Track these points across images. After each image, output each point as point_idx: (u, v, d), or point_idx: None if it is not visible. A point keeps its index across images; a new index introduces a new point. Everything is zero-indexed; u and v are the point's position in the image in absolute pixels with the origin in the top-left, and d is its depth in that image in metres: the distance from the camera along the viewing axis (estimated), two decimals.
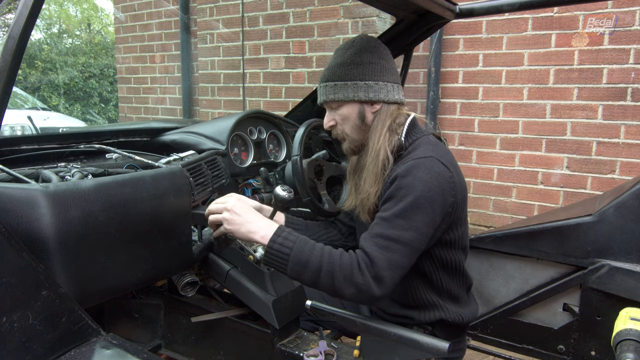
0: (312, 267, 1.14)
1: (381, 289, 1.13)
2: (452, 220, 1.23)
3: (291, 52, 3.88)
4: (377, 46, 1.32)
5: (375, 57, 1.29)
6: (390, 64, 1.33)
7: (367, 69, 1.28)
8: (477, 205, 3.45)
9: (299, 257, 1.14)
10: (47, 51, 11.12)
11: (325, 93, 1.33)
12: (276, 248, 1.16)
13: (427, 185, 1.15)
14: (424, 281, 1.31)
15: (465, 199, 1.27)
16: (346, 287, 1.13)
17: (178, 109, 5.03)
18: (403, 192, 1.16)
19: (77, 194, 1.02)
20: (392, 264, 1.13)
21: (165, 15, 4.94)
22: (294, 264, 1.15)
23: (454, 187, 1.19)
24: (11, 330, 0.82)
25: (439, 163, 1.18)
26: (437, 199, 1.15)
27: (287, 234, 1.18)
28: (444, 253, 1.28)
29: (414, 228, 1.14)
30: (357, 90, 1.28)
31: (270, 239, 1.17)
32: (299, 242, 1.17)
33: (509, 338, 1.76)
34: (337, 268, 1.13)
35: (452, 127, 3.47)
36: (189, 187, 1.32)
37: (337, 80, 1.30)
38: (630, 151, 2.90)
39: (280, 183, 1.77)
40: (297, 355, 1.30)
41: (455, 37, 3.36)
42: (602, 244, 1.53)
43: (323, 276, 1.14)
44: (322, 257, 1.14)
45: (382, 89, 1.29)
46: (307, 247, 1.16)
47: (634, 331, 1.14)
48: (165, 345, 1.59)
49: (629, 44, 2.83)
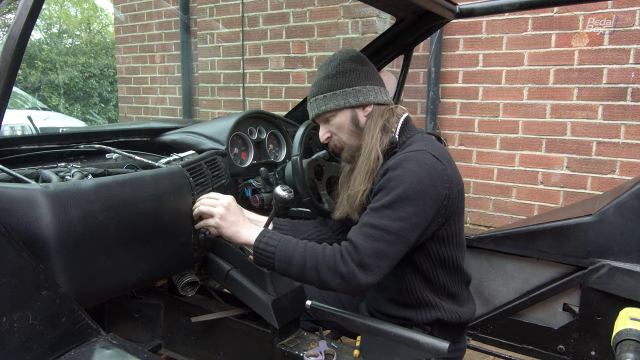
0: (296, 262, 1.18)
1: (367, 276, 1.14)
2: (449, 214, 1.23)
3: (291, 52, 3.88)
4: (357, 55, 1.37)
5: (357, 64, 1.33)
6: (373, 70, 1.37)
7: (353, 76, 1.32)
8: (477, 205, 3.45)
9: (283, 254, 1.20)
10: (47, 51, 11.12)
11: (316, 106, 1.36)
12: (262, 247, 1.22)
13: (417, 177, 1.16)
14: (420, 278, 1.31)
15: (461, 193, 1.27)
16: (332, 278, 1.16)
17: (178, 109, 5.03)
18: (392, 183, 1.17)
19: (77, 194, 1.02)
20: (378, 252, 1.14)
21: (165, 15, 4.94)
22: (280, 261, 1.20)
23: (447, 179, 1.19)
24: (11, 330, 0.82)
25: (430, 156, 1.19)
26: (427, 191, 1.16)
27: (271, 234, 1.24)
28: (440, 249, 1.28)
29: (402, 218, 1.15)
30: (347, 96, 1.31)
31: (256, 239, 1.23)
32: (283, 240, 1.22)
33: (509, 338, 1.76)
34: (321, 260, 1.17)
35: (452, 127, 3.47)
36: (189, 187, 1.32)
37: (325, 92, 1.33)
38: (630, 151, 2.90)
39: (280, 183, 1.77)
40: (297, 355, 1.30)
41: (455, 37, 3.36)
42: (602, 244, 1.53)
43: (308, 269, 1.18)
44: (306, 252, 1.19)
45: (371, 91, 1.32)
46: (291, 244, 1.21)
47: (634, 331, 1.14)
48: (165, 345, 1.59)
49: (629, 44, 2.83)
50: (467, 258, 1.37)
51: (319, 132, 1.42)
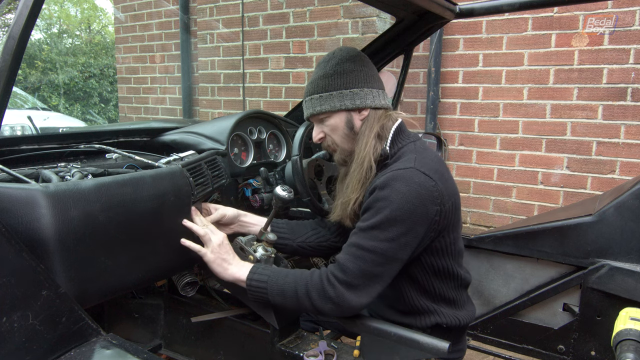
0: (289, 294, 1.20)
1: (358, 296, 1.15)
2: (441, 228, 1.21)
3: (291, 52, 3.88)
4: (358, 54, 1.32)
5: (357, 65, 1.29)
6: (373, 71, 1.32)
7: (351, 77, 1.27)
8: (477, 205, 3.45)
9: (274, 288, 1.21)
10: (47, 51, 11.12)
11: (311, 106, 1.32)
12: (254, 285, 1.23)
13: (405, 198, 1.13)
14: (416, 287, 1.30)
15: (456, 204, 1.25)
16: (323, 304, 1.17)
17: (178, 109, 5.03)
18: (380, 204, 1.15)
19: (77, 194, 1.02)
20: (366, 273, 1.15)
21: (165, 15, 4.94)
22: (274, 295, 1.22)
23: (438, 195, 1.16)
24: (11, 330, 0.82)
25: (419, 173, 1.16)
26: (416, 211, 1.14)
27: (261, 269, 1.25)
28: (434, 260, 1.26)
29: (390, 239, 1.14)
30: (343, 98, 1.27)
31: (247, 277, 1.25)
32: (272, 274, 1.23)
33: (509, 338, 1.76)
34: (311, 287, 1.18)
35: (452, 127, 3.47)
36: (189, 187, 1.32)
37: (321, 92, 1.29)
38: (630, 151, 2.90)
39: (280, 183, 1.77)
40: (297, 355, 1.30)
41: (455, 37, 3.36)
42: (602, 244, 1.53)
43: (301, 299, 1.19)
44: (296, 282, 1.20)
45: (368, 95, 1.28)
46: (281, 277, 1.22)
47: (634, 331, 1.14)
48: (165, 345, 1.59)
49: (629, 44, 2.83)
50: (467, 258, 1.37)
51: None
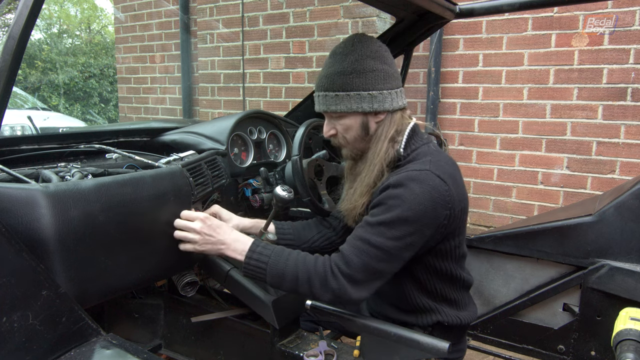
0: (289, 278, 1.18)
1: (358, 290, 1.14)
2: (448, 232, 1.21)
3: (291, 52, 3.88)
4: (378, 49, 1.24)
5: (377, 63, 1.21)
6: (393, 67, 1.26)
7: (370, 78, 1.20)
8: (477, 205, 3.44)
9: (274, 270, 1.18)
10: (47, 51, 11.11)
11: (325, 103, 1.25)
12: (253, 264, 1.20)
13: (418, 199, 1.12)
14: (418, 287, 1.30)
15: (464, 209, 1.24)
16: (323, 293, 1.16)
17: (178, 109, 5.03)
18: (393, 202, 1.14)
19: (77, 194, 1.02)
20: (369, 269, 1.14)
21: (165, 15, 4.93)
22: (272, 277, 1.19)
23: (450, 200, 1.16)
24: (11, 330, 0.82)
25: (434, 176, 1.14)
26: (427, 213, 1.13)
27: (261, 248, 1.22)
28: (437, 262, 1.26)
29: (397, 238, 1.13)
30: (361, 101, 1.21)
31: (246, 255, 1.21)
32: (274, 254, 1.20)
33: (509, 338, 1.76)
34: (314, 275, 1.16)
35: (452, 127, 3.47)
36: (189, 187, 1.32)
37: (338, 90, 1.22)
38: (630, 151, 2.90)
39: (280, 183, 1.77)
40: (297, 355, 1.30)
41: (455, 37, 3.36)
42: (602, 244, 1.53)
43: (301, 284, 1.17)
44: (298, 266, 1.18)
45: (387, 98, 1.22)
46: (283, 258, 1.19)
47: (634, 331, 1.14)
48: (165, 345, 1.59)
49: (629, 44, 2.83)
50: (467, 258, 1.37)
51: (323, 127, 1.35)
